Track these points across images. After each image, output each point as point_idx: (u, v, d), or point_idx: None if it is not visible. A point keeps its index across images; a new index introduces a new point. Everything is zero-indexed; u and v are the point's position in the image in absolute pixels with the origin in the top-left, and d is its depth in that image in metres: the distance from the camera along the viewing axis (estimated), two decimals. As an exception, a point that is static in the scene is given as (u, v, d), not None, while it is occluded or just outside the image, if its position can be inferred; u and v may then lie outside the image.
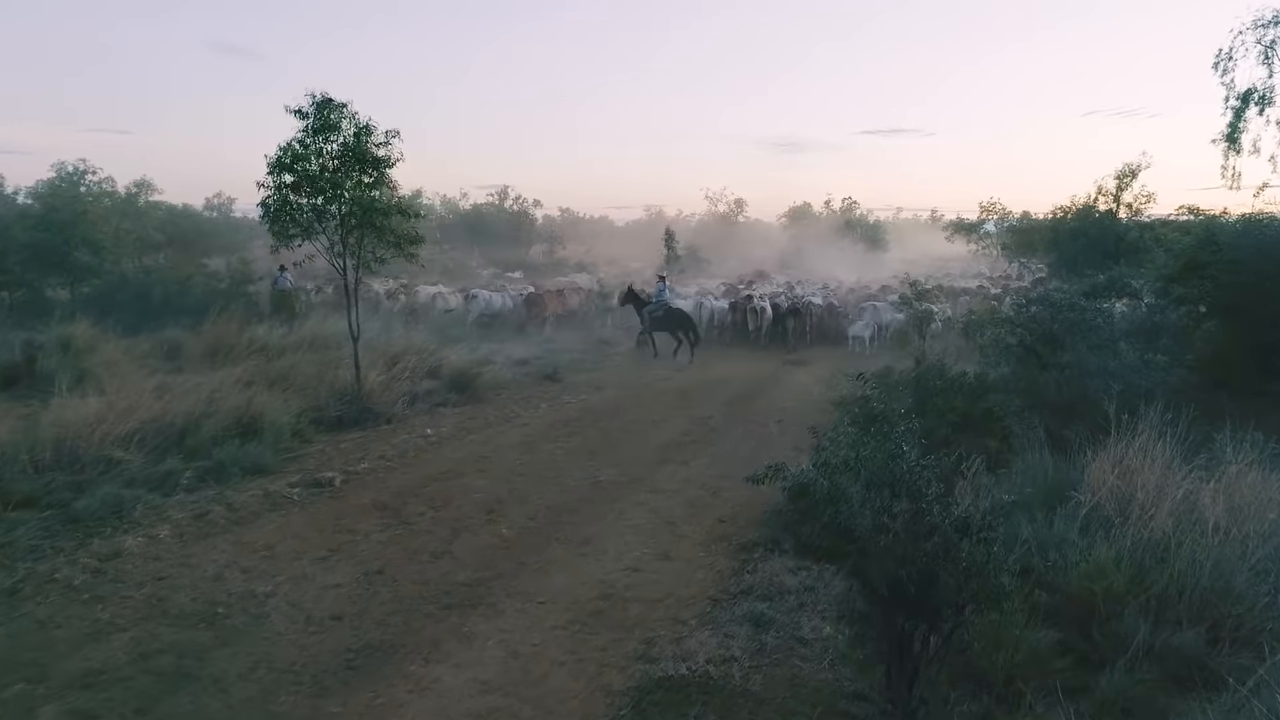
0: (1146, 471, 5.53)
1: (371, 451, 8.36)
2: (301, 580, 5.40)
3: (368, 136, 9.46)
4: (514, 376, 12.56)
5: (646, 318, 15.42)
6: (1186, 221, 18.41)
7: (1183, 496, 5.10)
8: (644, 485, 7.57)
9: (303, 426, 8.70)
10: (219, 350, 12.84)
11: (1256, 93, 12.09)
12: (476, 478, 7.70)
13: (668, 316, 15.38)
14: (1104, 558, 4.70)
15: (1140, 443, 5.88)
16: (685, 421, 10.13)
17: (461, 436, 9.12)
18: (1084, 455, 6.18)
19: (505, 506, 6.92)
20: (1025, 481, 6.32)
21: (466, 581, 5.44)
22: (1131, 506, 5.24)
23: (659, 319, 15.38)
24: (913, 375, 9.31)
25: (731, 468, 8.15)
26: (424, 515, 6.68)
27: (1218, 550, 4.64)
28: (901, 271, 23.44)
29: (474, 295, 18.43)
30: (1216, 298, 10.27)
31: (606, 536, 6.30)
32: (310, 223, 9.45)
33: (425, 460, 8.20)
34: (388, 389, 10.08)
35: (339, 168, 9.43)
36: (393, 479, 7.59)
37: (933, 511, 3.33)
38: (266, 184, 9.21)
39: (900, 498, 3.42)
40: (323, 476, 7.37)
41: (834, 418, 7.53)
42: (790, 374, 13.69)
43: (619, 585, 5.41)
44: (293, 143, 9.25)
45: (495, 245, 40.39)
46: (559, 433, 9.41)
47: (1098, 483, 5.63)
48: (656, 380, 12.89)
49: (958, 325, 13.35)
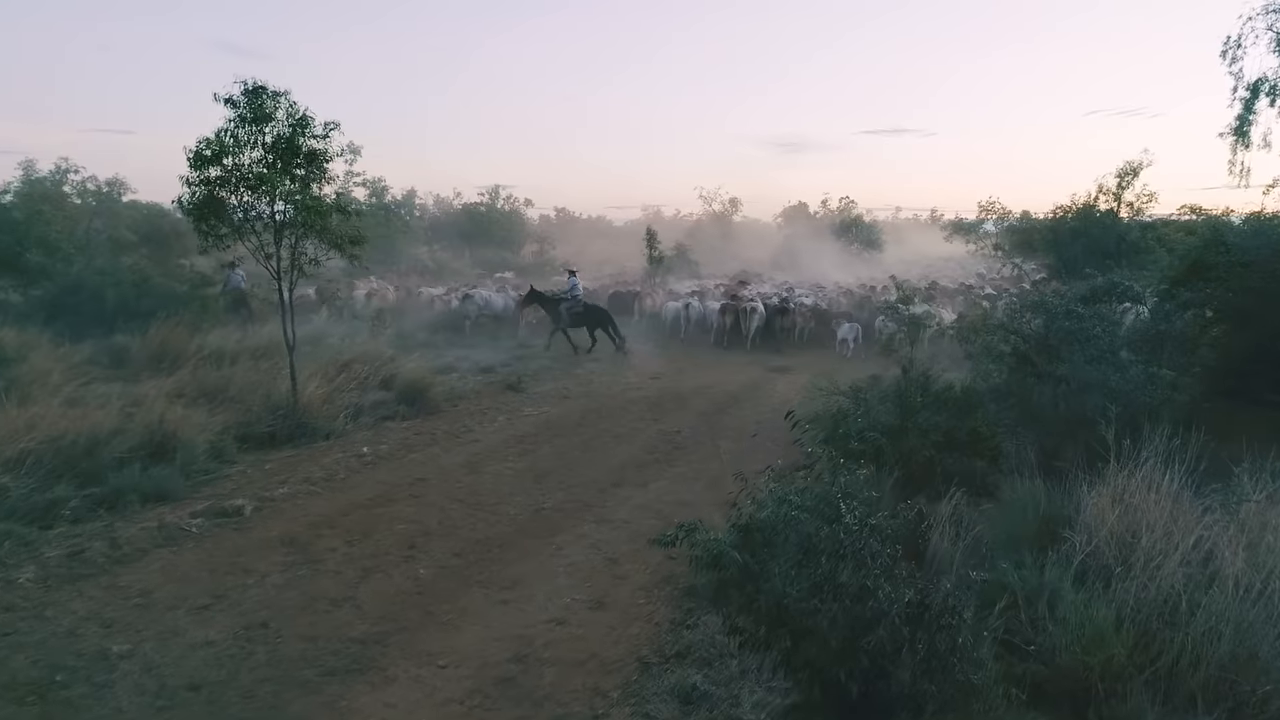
0: (1152, 509, 4.76)
1: (297, 473, 7.59)
2: (169, 637, 4.63)
3: (305, 129, 8.70)
4: (476, 386, 11.78)
5: (564, 315, 14.93)
6: (1191, 221, 17.69)
7: (1195, 543, 4.33)
8: (592, 513, 6.81)
9: (225, 445, 7.93)
10: (165, 357, 12.12)
11: (1267, 83, 11.30)
12: (407, 504, 6.94)
13: (587, 313, 14.98)
14: (1102, 620, 3.93)
15: (1144, 473, 5.12)
16: (651, 436, 9.36)
17: (402, 455, 8.35)
18: (1080, 484, 5.41)
19: (430, 540, 6.16)
20: (1013, 515, 5.56)
21: (361, 637, 4.68)
22: (1135, 553, 4.46)
23: (579, 315, 14.96)
24: (895, 389, 8.59)
25: (694, 492, 7.42)
26: (335, 552, 5.91)
27: (1239, 611, 3.87)
28: (891, 274, 22.58)
29: (470, 295, 18.18)
30: (1225, 302, 9.55)
31: (536, 578, 5.53)
32: (241, 222, 8.68)
33: (354, 483, 7.44)
34: (329, 401, 9.31)
35: (272, 162, 8.66)
36: (313, 506, 6.82)
37: (879, 592, 2.56)
38: (190, 179, 8.43)
39: (841, 569, 2.66)
40: (231, 505, 6.60)
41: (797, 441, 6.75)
42: (772, 382, 12.91)
43: (538, 643, 4.65)
44: (221, 133, 8.48)
45: (487, 245, 39.59)
46: (510, 450, 8.64)
47: (1096, 521, 4.86)
48: (628, 389, 12.12)
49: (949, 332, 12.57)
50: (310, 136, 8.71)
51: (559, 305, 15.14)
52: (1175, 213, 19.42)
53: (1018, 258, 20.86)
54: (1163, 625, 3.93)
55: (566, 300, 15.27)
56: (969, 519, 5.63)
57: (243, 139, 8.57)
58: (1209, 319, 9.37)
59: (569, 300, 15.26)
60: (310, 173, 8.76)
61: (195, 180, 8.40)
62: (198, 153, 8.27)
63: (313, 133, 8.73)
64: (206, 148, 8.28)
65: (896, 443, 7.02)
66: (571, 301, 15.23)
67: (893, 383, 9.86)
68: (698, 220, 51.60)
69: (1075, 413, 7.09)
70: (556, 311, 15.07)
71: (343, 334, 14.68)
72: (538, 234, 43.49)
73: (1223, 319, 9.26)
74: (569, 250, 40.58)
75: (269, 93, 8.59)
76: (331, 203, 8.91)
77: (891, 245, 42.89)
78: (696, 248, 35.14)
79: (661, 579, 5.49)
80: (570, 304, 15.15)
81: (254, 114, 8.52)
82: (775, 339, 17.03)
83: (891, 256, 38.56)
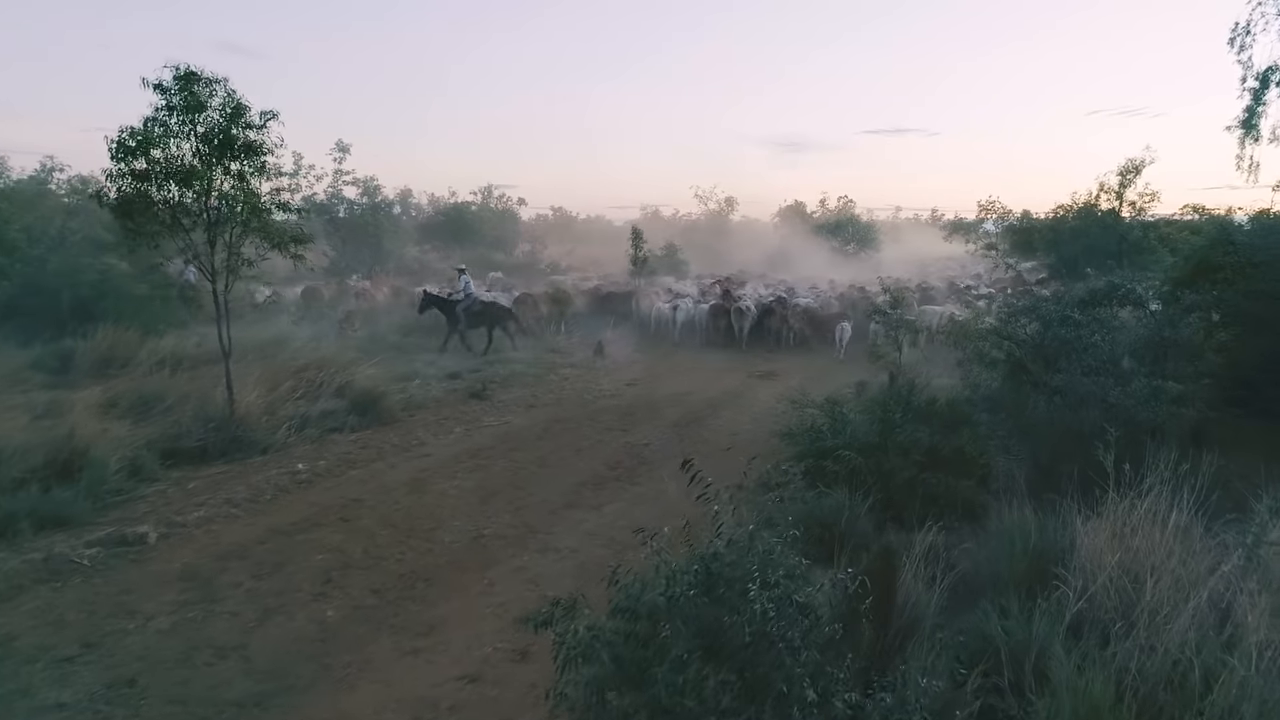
0: (1157, 548, 4.11)
1: (220, 493, 6.94)
2: (14, 699, 3.99)
3: (240, 118, 8.06)
4: (439, 393, 11.12)
5: (462, 316, 14.51)
6: (1195, 220, 17.03)
7: (1209, 595, 3.67)
8: (536, 540, 6.16)
9: (146, 461, 7.28)
10: (112, 363, 11.50)
11: (1278, 71, 10.62)
12: (334, 530, 6.29)
13: (485, 312, 14.65)
14: (1099, 692, 3.28)
15: (1148, 504, 4.46)
16: (616, 449, 8.71)
17: (341, 472, 7.70)
18: (1076, 512, 4.76)
19: (349, 574, 5.51)
20: (1001, 549, 4.92)
21: (238, 699, 4.03)
22: (1138, 605, 3.81)
23: (476, 315, 14.60)
24: (877, 399, 7.95)
25: (652, 514, 6.74)
26: (239, 588, 5.27)
27: (1264, 686, 3.22)
28: (878, 275, 21.83)
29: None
30: (1233, 305, 8.91)
31: (458, 621, 4.89)
32: (171, 220, 8.04)
33: (281, 505, 6.79)
34: (270, 412, 8.66)
35: (207, 155, 8.02)
36: (227, 533, 6.18)
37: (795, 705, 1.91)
38: (111, 172, 7.78)
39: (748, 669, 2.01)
40: (134, 532, 5.95)
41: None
42: (754, 390, 12.24)
43: (443, 706, 4.00)
44: (149, 122, 7.84)
45: (479, 245, 38.84)
46: (462, 466, 7.99)
47: (1092, 562, 4.21)
48: (600, 397, 11.45)
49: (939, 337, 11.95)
50: (246, 127, 8.05)
51: (455, 307, 14.73)
52: (1178, 212, 18.81)
53: (1014, 258, 20.18)
54: (1172, 699, 3.28)
55: (462, 300, 14.84)
56: (950, 554, 4.99)
57: (174, 128, 7.92)
58: (1215, 323, 8.72)
59: (465, 300, 14.84)
60: (246, 166, 8.10)
61: (118, 173, 7.74)
62: (120, 143, 7.61)
63: (249, 122, 8.07)
64: (131, 138, 7.62)
65: (875, 462, 6.38)
66: (468, 301, 14.83)
67: (878, 391, 9.26)
68: (694, 220, 50.91)
69: (1071, 428, 6.45)
70: (453, 313, 14.65)
71: (309, 336, 14.04)
72: (530, 234, 42.76)
73: (1230, 323, 8.61)
74: (560, 250, 39.88)
75: (202, 79, 7.95)
76: (270, 199, 8.25)
77: (890, 245, 42.15)
78: (689, 247, 34.48)
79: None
80: (467, 303, 14.73)
81: (185, 102, 7.87)
82: (765, 340, 16.71)
83: (889, 256, 37.84)
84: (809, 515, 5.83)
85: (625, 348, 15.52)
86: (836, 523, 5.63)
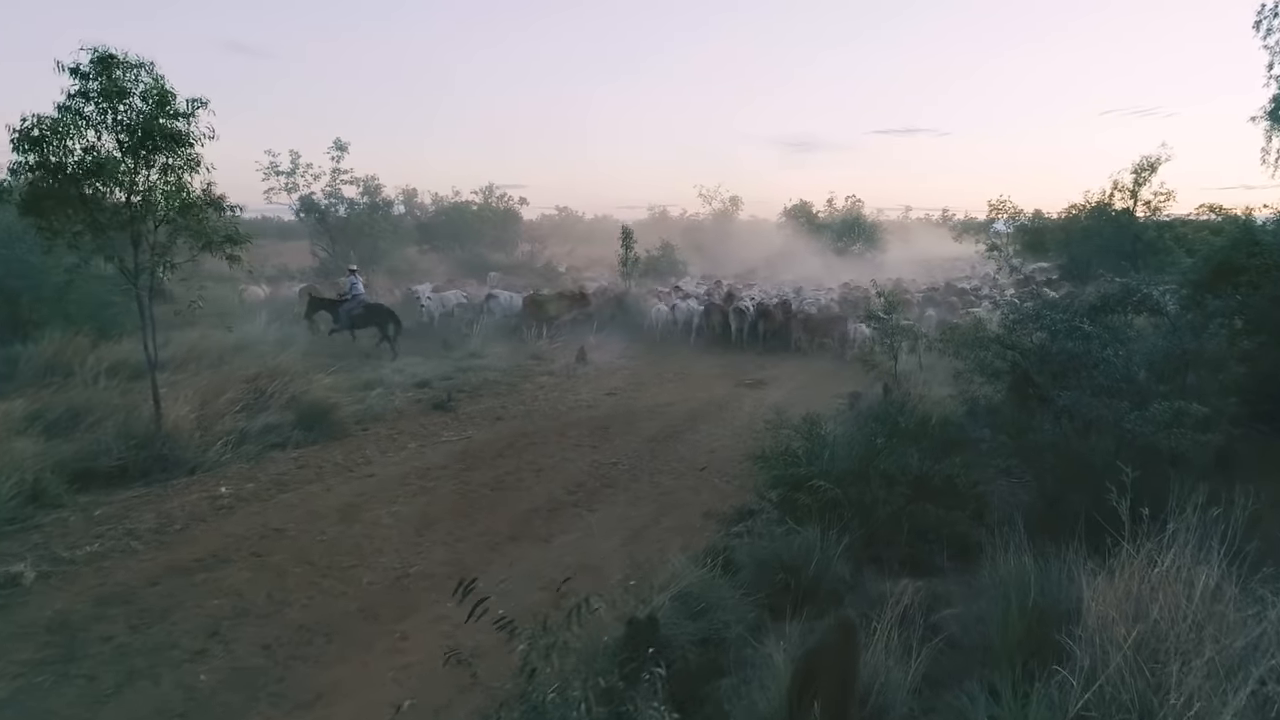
0: (1182, 622, 3.33)
1: (125, 523, 6.24)
2: None
3: (164, 107, 7.36)
4: (400, 403, 10.40)
5: (344, 316, 14.67)
6: (1214, 220, 16.16)
7: (1254, 695, 2.89)
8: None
9: (49, 485, 6.59)
10: (56, 371, 10.83)
11: (1309, 57, 9.79)
12: (241, 568, 5.57)
13: (369, 313, 14.68)
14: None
15: (1171, 558, 3.68)
16: (581, 469, 7.97)
17: (269, 496, 6.98)
18: (1083, 564, 4.00)
19: (242, 625, 4.79)
20: (994, 607, 4.15)
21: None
22: (1161, 696, 3.04)
23: (359, 316, 14.66)
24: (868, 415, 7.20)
25: (606, 549, 6.03)
26: (109, 642, 4.55)
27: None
28: (872, 278, 20.98)
29: (494, 295, 18.16)
30: (1259, 310, 8.09)
31: (352, 688, 4.15)
32: (88, 216, 7.35)
33: (189, 537, 6.07)
34: (204, 428, 7.96)
35: (128, 146, 7.33)
36: (120, 571, 5.47)
37: None
38: (14, 166, 7.10)
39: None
40: (8, 572, 5.25)
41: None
42: (740, 400, 11.46)
43: (300, 811, 3.27)
44: (62, 110, 7.15)
45: (479, 245, 38.18)
46: (406, 489, 7.26)
47: (1102, 636, 3.43)
48: (575, 408, 10.70)
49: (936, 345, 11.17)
50: (171, 116, 7.35)
51: (339, 307, 14.94)
52: (1194, 212, 17.99)
53: (1022, 259, 19.38)
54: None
55: (347, 302, 14.98)
56: (933, 613, 4.23)
57: (91, 117, 7.23)
58: (1238, 330, 7.92)
59: (350, 302, 14.94)
60: (172, 159, 7.40)
61: (23, 167, 7.05)
62: (23, 133, 6.92)
63: (175, 111, 7.37)
64: (34, 127, 6.93)
65: (856, 492, 5.61)
66: (352, 303, 14.91)
67: (873, 404, 8.50)
68: (699, 220, 50.07)
69: (1080, 456, 5.66)
70: (337, 313, 14.88)
71: (276, 340, 13.37)
72: (533, 234, 42.08)
73: (1255, 330, 7.81)
74: (561, 250, 39.19)
75: (122, 63, 7.26)
76: (199, 195, 7.56)
77: (898, 245, 41.24)
78: (691, 248, 33.74)
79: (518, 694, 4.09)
80: (350, 305, 14.84)
81: (104, 88, 7.18)
82: (760, 342, 16.30)
83: (897, 257, 36.96)
84: (774, 557, 5.09)
85: (611, 353, 14.78)
86: (805, 567, 4.88)
